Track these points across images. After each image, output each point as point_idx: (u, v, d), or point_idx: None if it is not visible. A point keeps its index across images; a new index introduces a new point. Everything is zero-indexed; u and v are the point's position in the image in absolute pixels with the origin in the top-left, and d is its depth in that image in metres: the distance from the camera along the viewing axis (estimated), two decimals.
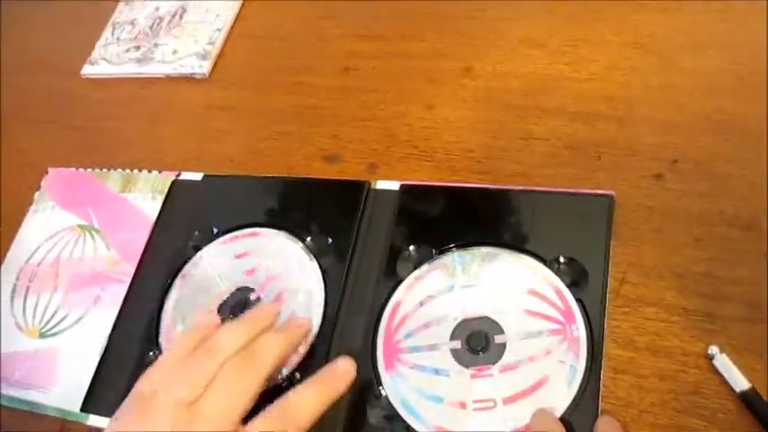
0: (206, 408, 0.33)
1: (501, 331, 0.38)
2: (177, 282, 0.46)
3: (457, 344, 0.38)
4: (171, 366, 0.36)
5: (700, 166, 0.40)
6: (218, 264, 0.45)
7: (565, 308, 0.37)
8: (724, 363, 0.34)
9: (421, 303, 0.40)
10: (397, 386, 0.38)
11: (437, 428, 0.36)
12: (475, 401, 0.36)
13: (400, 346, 0.39)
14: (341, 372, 0.37)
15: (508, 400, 0.36)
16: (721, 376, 0.34)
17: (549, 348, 0.36)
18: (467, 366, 0.37)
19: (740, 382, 0.33)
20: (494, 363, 0.37)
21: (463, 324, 0.39)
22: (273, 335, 0.37)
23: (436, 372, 0.38)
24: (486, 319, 0.38)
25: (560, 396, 0.35)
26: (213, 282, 0.45)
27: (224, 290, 0.44)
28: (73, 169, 0.55)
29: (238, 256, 0.45)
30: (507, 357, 0.37)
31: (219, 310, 0.43)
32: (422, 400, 0.37)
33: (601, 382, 0.35)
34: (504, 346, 0.37)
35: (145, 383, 0.36)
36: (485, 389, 0.36)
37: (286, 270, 0.43)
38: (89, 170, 0.54)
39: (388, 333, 0.40)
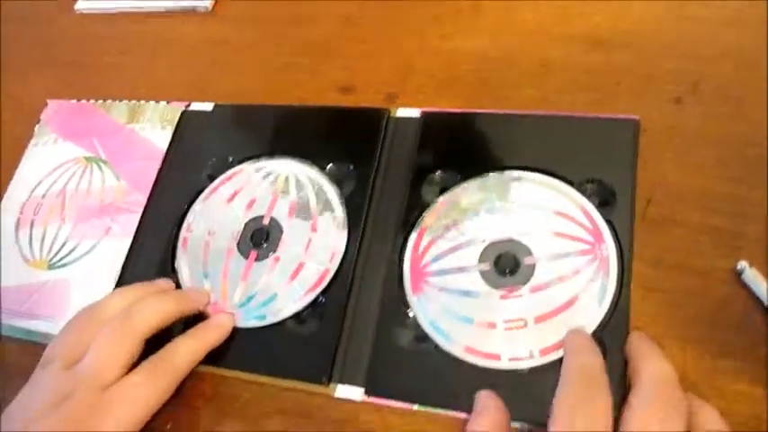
0: (81, 368, 0.35)
1: (529, 253, 0.37)
2: (193, 209, 0.44)
3: (486, 266, 0.37)
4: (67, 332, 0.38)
5: (720, 90, 0.39)
6: (237, 194, 0.43)
7: (593, 228, 0.37)
8: (753, 276, 0.34)
9: (447, 227, 0.39)
10: (425, 308, 0.37)
11: (467, 348, 0.35)
12: (505, 321, 0.35)
13: (427, 269, 0.38)
14: (214, 325, 0.38)
15: (539, 320, 0.35)
16: (749, 290, 0.34)
17: (578, 268, 0.36)
18: (496, 288, 0.36)
19: None
20: (523, 283, 0.36)
21: (491, 247, 0.37)
22: (154, 299, 0.38)
23: (465, 293, 0.37)
24: (514, 241, 0.37)
25: (591, 314, 0.34)
26: (230, 214, 0.43)
27: (241, 222, 0.42)
28: (74, 101, 0.52)
29: (255, 188, 0.43)
30: (537, 278, 0.36)
31: (239, 245, 0.41)
32: (451, 321, 0.36)
33: (631, 299, 0.35)
34: (533, 267, 0.36)
35: (48, 350, 0.38)
36: (515, 309, 0.36)
37: (306, 198, 0.42)
38: (92, 101, 0.51)
39: (415, 257, 0.38)
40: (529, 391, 0.33)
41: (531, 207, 0.38)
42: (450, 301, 0.37)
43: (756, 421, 0.31)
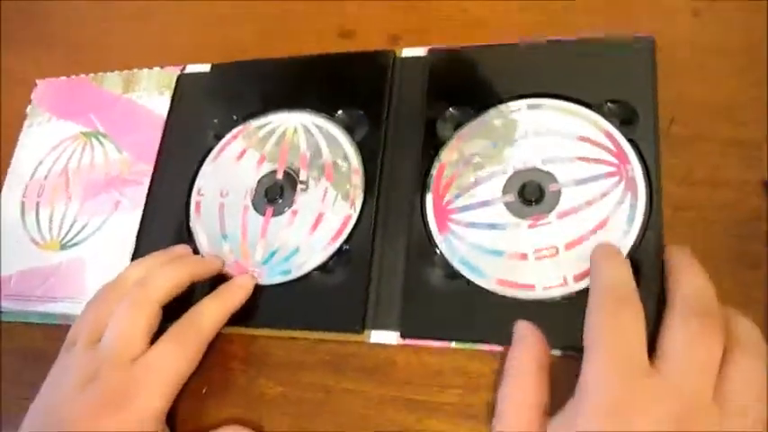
0: (104, 345, 0.34)
1: (554, 180, 0.35)
2: (202, 172, 0.42)
3: (510, 197, 0.36)
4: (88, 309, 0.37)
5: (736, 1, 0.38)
6: (246, 152, 0.42)
7: (617, 150, 0.35)
8: None
9: (467, 163, 0.37)
10: (453, 246, 0.36)
11: (499, 281, 0.34)
12: (536, 251, 0.34)
13: (451, 207, 0.37)
14: (237, 286, 0.37)
15: (570, 245, 0.34)
16: None
17: (605, 191, 0.34)
18: (523, 218, 0.35)
19: None
20: (550, 211, 0.35)
21: (514, 177, 0.36)
22: (167, 266, 0.37)
23: (492, 227, 0.36)
24: (536, 170, 0.36)
25: (622, 236, 0.33)
26: (241, 173, 0.41)
27: (253, 179, 0.41)
28: (64, 78, 0.50)
29: (263, 144, 0.41)
30: (563, 204, 0.35)
31: (254, 202, 0.40)
32: (481, 255, 0.35)
33: (662, 218, 0.34)
34: (558, 193, 0.35)
35: (71, 332, 0.37)
36: (544, 237, 0.34)
37: (318, 148, 0.40)
38: (83, 76, 0.49)
39: (437, 196, 0.37)
40: (566, 319, 0.32)
41: (552, 134, 0.37)
42: (477, 236, 0.36)
43: None
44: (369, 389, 0.34)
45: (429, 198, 0.37)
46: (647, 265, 0.32)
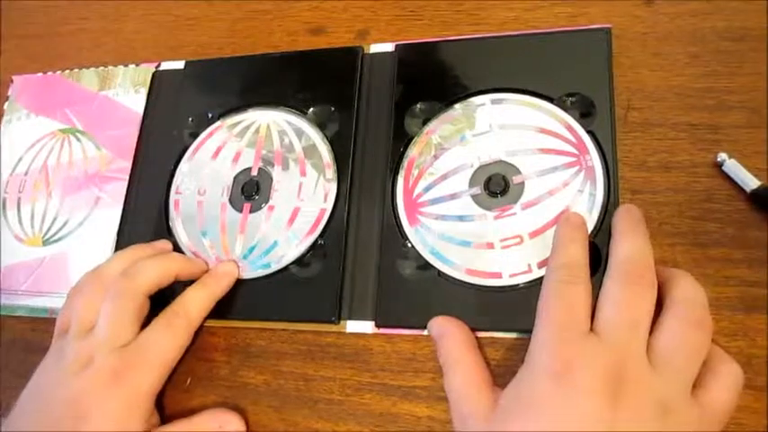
0: (96, 334, 0.35)
1: (518, 172, 0.36)
2: (179, 171, 0.42)
3: (477, 190, 0.37)
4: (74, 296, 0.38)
5: None
6: (221, 150, 0.42)
7: (577, 141, 0.36)
8: (733, 166, 0.34)
9: (435, 156, 0.38)
10: (423, 238, 0.37)
11: (468, 270, 0.35)
12: (502, 240, 0.35)
13: (420, 200, 0.37)
14: (222, 273, 0.38)
15: (534, 234, 0.35)
16: (731, 180, 0.34)
17: (566, 180, 0.36)
18: (489, 209, 0.36)
19: (750, 182, 0.34)
20: (515, 202, 0.36)
21: (480, 170, 0.37)
22: (154, 259, 0.38)
23: (460, 218, 0.37)
24: (501, 162, 0.37)
25: None
26: (217, 171, 0.42)
27: (229, 177, 0.41)
28: (40, 74, 0.49)
29: (238, 141, 0.42)
30: (527, 195, 0.36)
31: (231, 199, 0.40)
32: (450, 246, 0.36)
33: (619, 203, 0.35)
34: (522, 185, 0.36)
35: (61, 318, 0.38)
36: (510, 227, 0.36)
37: (290, 145, 0.41)
38: (59, 72, 0.49)
39: (407, 189, 0.38)
40: (531, 303, 0.33)
41: (515, 127, 0.38)
42: (446, 227, 0.37)
43: (749, 299, 0.32)
44: (346, 376, 0.35)
45: (399, 192, 0.38)
46: (607, 250, 0.33)
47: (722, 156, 0.34)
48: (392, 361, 0.35)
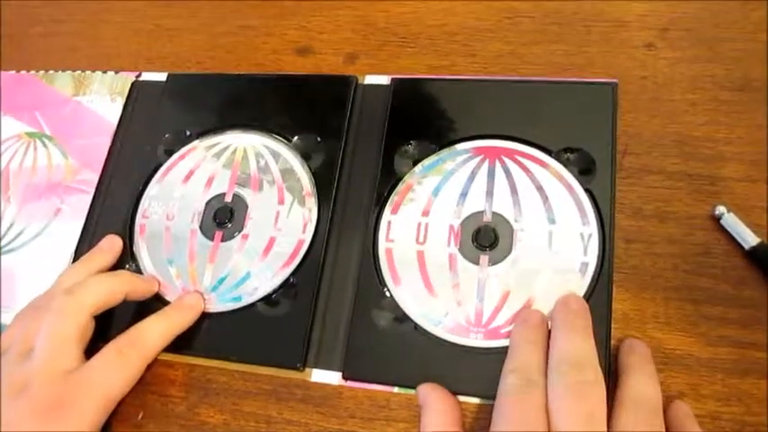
0: (35, 356, 0.30)
1: (508, 225, 0.32)
2: (147, 194, 0.38)
3: (464, 242, 0.32)
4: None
5: (689, 33, 0.36)
6: (194, 172, 0.38)
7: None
8: (732, 221, 0.31)
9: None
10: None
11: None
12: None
13: None
14: (187, 306, 0.34)
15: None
16: (729, 235, 0.31)
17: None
18: (476, 263, 0.32)
19: (749, 238, 0.30)
20: (503, 257, 0.32)
21: (468, 221, 0.33)
22: (100, 276, 0.34)
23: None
24: (492, 214, 0.33)
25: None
26: (188, 195, 0.37)
27: (201, 202, 0.37)
28: (13, 72, 0.44)
29: (213, 164, 0.37)
30: (516, 251, 0.32)
31: (202, 226, 0.36)
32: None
33: (614, 254, 0.31)
34: (511, 240, 0.32)
35: (3, 337, 0.33)
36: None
37: (270, 172, 0.36)
38: (33, 72, 0.44)
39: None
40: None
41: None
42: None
43: (744, 362, 0.29)
44: (312, 421, 0.31)
45: (382, 235, 0.34)
46: (597, 319, 0.29)
47: (720, 209, 0.31)
48: (363, 407, 0.31)
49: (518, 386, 0.27)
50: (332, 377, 0.32)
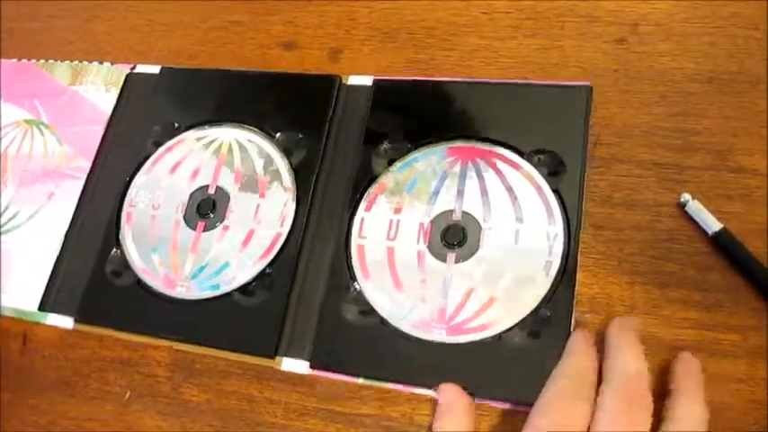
0: None
1: (477, 224, 0.32)
2: (134, 184, 0.38)
3: (433, 239, 0.32)
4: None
5: (659, 28, 0.35)
6: (180, 164, 0.38)
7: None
8: (696, 208, 0.31)
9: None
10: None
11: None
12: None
13: None
14: None
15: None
16: (694, 222, 0.31)
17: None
18: (443, 261, 0.32)
19: (712, 225, 0.30)
20: (470, 255, 0.32)
21: (438, 219, 0.33)
22: None
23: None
24: (460, 213, 0.33)
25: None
26: (173, 186, 0.37)
27: (185, 193, 0.37)
28: (14, 60, 0.44)
29: (199, 156, 0.37)
30: (483, 249, 0.32)
31: (186, 216, 0.36)
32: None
33: (581, 240, 0.31)
34: (479, 238, 0.32)
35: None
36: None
37: (252, 166, 0.36)
38: (33, 61, 0.44)
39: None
40: (472, 363, 0.29)
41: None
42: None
43: (706, 343, 0.29)
44: (291, 399, 0.31)
45: (355, 232, 0.33)
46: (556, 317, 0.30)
47: (685, 196, 0.31)
48: (339, 387, 0.31)
49: (570, 393, 0.27)
50: (301, 366, 0.31)
